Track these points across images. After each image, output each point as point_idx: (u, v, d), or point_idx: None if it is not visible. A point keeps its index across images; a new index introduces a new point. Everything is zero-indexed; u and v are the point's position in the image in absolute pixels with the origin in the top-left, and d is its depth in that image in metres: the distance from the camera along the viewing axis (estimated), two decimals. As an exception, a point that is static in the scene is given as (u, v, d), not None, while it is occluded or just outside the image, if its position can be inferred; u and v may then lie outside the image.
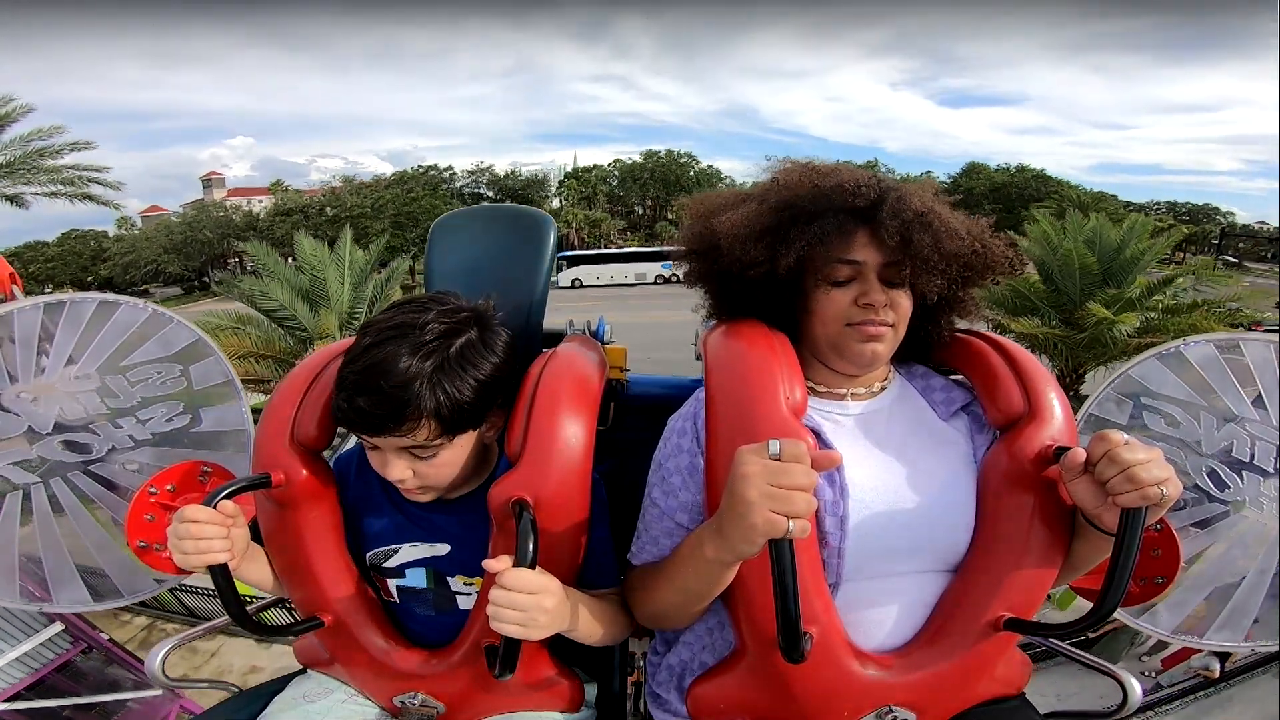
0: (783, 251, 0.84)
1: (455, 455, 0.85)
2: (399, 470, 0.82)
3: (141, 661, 1.84)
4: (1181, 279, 9.46)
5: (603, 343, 1.21)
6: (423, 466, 0.83)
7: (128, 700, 1.91)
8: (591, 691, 0.99)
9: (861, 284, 0.84)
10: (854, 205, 0.83)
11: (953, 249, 0.84)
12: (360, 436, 0.83)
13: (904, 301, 0.86)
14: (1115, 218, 9.96)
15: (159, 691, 1.89)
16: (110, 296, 1.34)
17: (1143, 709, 1.78)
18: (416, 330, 0.79)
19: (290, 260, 8.49)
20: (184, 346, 1.36)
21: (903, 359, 0.98)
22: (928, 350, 0.99)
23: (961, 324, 1.00)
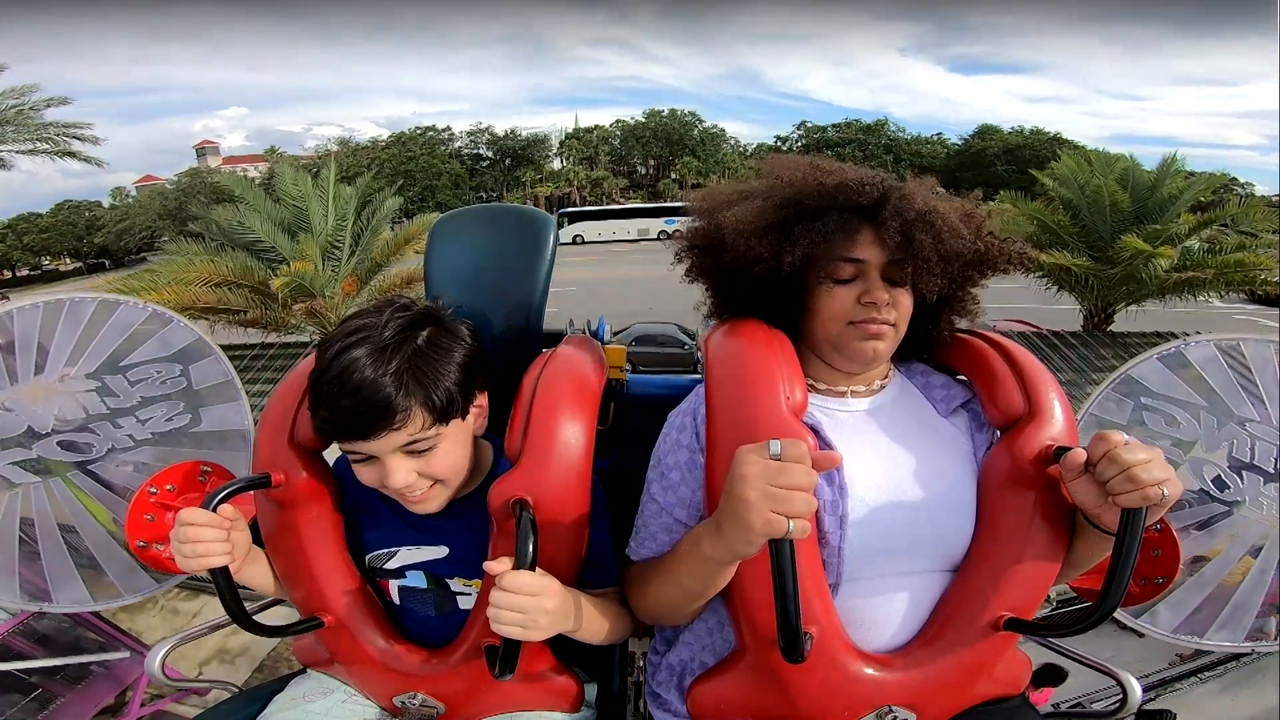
0: (787, 248, 0.84)
1: (453, 446, 0.84)
2: (403, 474, 0.80)
3: (108, 623, 1.73)
4: (1218, 219, 8.52)
5: (603, 343, 1.21)
6: (424, 464, 0.82)
7: (91, 664, 1.79)
8: (591, 691, 0.99)
9: (864, 282, 0.84)
10: (858, 203, 0.83)
11: (954, 249, 0.84)
12: (351, 449, 0.81)
13: (905, 300, 0.86)
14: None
15: (126, 654, 1.78)
16: (110, 296, 1.34)
17: (1182, 676, 1.74)
18: (377, 330, 0.78)
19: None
20: (184, 346, 1.36)
21: (903, 357, 0.98)
22: (928, 349, 0.99)
23: (962, 323, 1.00)
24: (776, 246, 0.85)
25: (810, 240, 0.83)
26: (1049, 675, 0.91)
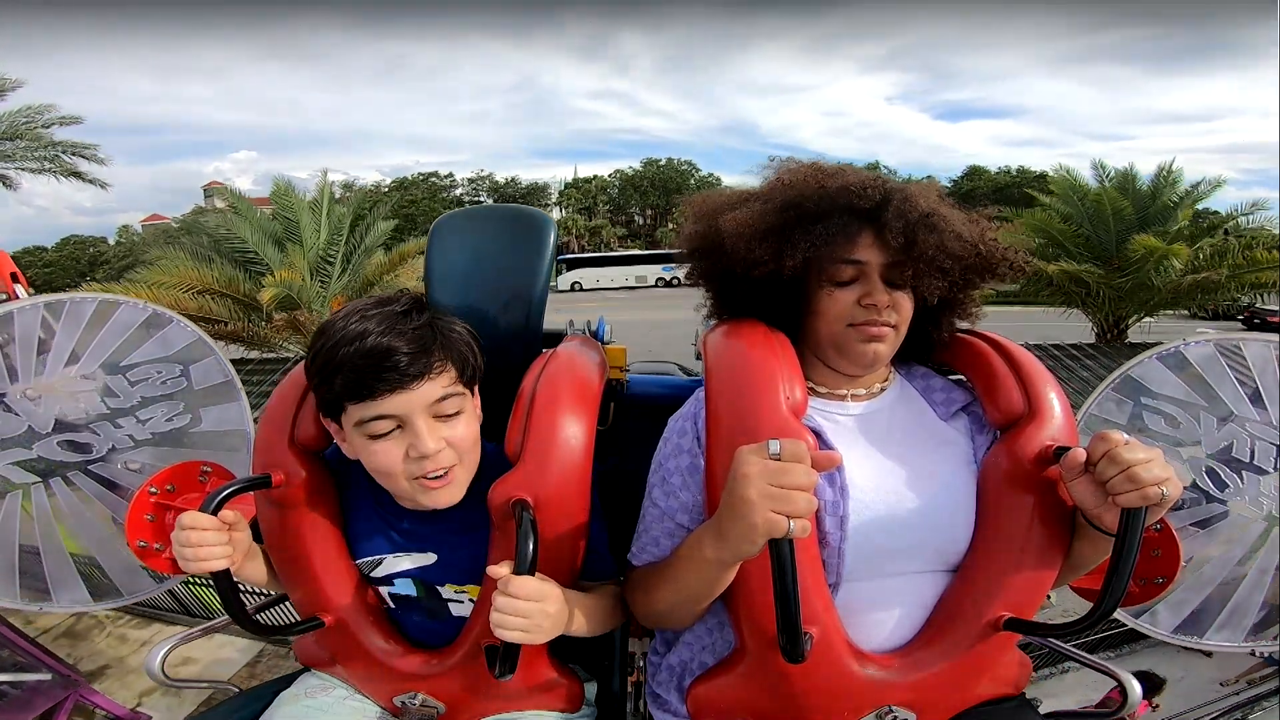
0: (788, 252, 0.84)
1: (471, 418, 0.85)
2: (434, 439, 0.79)
3: (32, 642, 1.61)
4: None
5: (603, 343, 1.21)
6: (450, 430, 0.81)
7: (3, 684, 1.60)
8: (591, 690, 1.00)
9: (865, 284, 0.84)
10: (859, 206, 0.83)
11: (956, 251, 0.84)
12: (376, 414, 0.77)
13: (906, 303, 0.86)
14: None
15: (48, 675, 1.64)
16: (110, 296, 1.34)
17: (1267, 695, 1.67)
18: (384, 305, 0.80)
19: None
20: (184, 346, 1.36)
21: (903, 359, 0.98)
22: (928, 351, 0.99)
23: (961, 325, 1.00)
24: (777, 250, 0.85)
25: (811, 244, 0.83)
26: (1145, 683, 0.88)
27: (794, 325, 0.91)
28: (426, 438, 0.78)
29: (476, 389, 0.89)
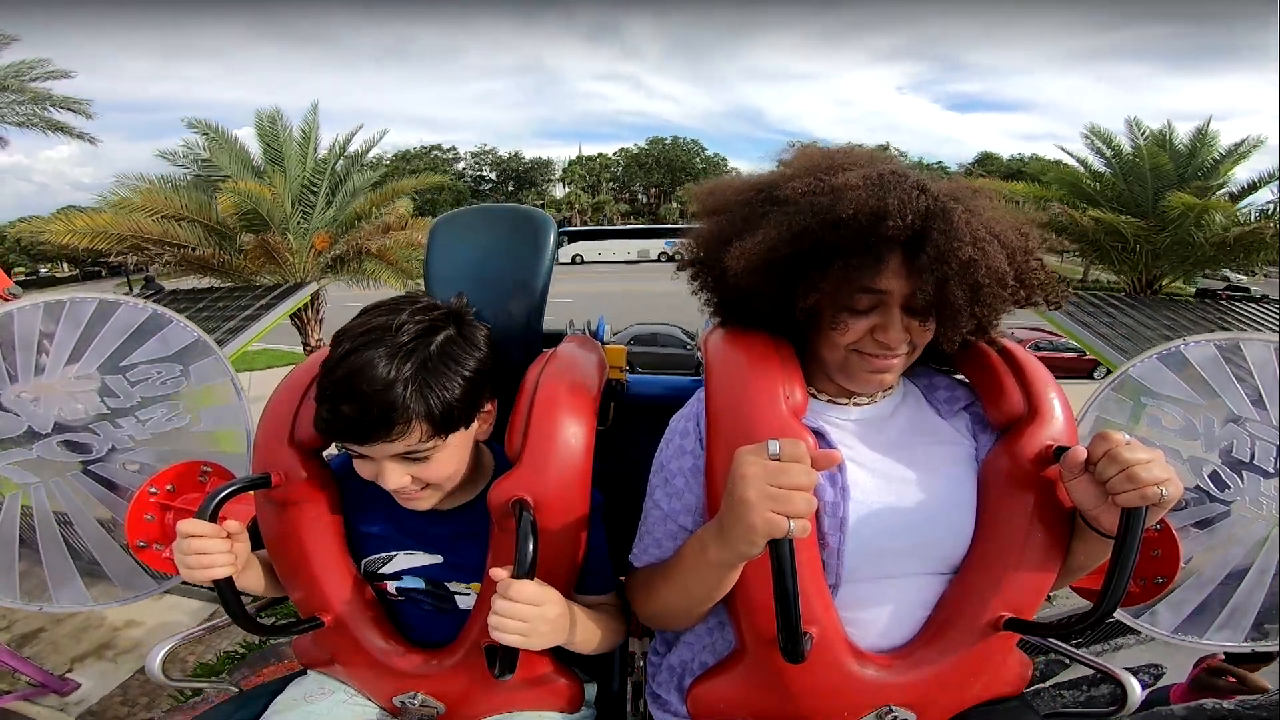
0: (800, 291, 0.78)
1: (451, 455, 0.82)
2: (396, 478, 0.79)
3: None
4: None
5: (602, 343, 1.21)
6: (419, 470, 0.80)
7: None
8: (591, 691, 1.00)
9: (882, 315, 0.78)
10: (892, 236, 0.73)
11: (991, 299, 0.78)
12: (348, 447, 0.80)
13: (924, 331, 0.81)
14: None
15: None
16: (110, 296, 1.34)
17: None
18: (393, 332, 0.76)
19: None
20: (184, 346, 1.36)
21: None
22: (929, 353, 0.99)
23: None
24: (788, 288, 0.79)
25: (829, 282, 0.76)
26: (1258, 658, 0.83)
27: (799, 337, 0.89)
28: (388, 478, 0.79)
29: (491, 404, 0.87)
